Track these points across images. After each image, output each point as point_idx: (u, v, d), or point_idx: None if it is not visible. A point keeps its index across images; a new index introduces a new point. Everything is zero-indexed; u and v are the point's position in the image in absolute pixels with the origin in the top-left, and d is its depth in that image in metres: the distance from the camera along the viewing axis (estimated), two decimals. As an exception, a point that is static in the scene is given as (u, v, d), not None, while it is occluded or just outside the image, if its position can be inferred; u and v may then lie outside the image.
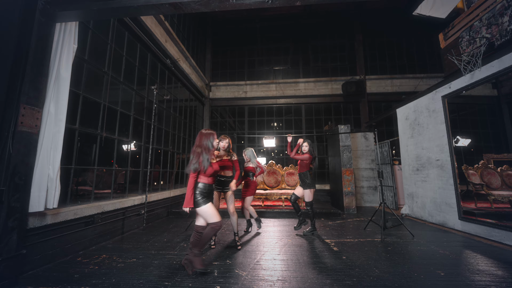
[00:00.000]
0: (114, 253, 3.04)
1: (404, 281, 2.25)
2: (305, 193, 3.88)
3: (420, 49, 9.21)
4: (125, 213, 4.07)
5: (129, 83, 4.36)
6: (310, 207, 3.87)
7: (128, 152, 4.33)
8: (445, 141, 4.42)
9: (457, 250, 3.14)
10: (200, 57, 8.93)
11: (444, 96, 4.42)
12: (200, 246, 2.50)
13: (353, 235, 3.92)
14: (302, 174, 3.95)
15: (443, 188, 4.49)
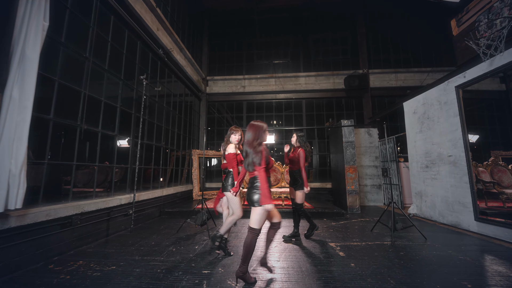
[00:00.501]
0: (93, 259, 2.69)
1: (426, 295, 1.91)
2: (297, 195, 3.38)
3: (425, 42, 8.85)
4: (110, 214, 3.72)
5: (115, 72, 4.00)
6: (302, 210, 3.42)
7: (115, 148, 3.98)
8: (459, 135, 4.08)
9: (478, 256, 2.80)
10: (196, 50, 8.55)
11: (458, 87, 4.07)
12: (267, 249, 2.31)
13: (359, 237, 3.58)
14: (295, 172, 3.43)
15: (456, 186, 4.14)
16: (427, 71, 8.36)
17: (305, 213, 3.44)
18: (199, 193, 7.19)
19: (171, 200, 5.90)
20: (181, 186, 6.64)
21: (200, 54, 8.95)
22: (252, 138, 2.17)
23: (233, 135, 3.01)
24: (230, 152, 2.86)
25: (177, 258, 2.72)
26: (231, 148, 2.90)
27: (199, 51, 8.87)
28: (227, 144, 2.98)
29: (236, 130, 3.05)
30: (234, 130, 3.04)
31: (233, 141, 3.00)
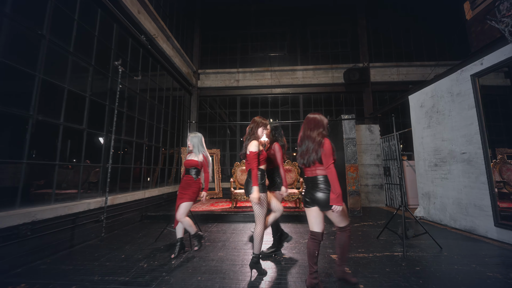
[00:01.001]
0: (40, 281, 2.16)
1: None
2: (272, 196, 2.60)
3: (428, 35, 8.41)
4: (76, 221, 3.18)
5: (83, 56, 3.45)
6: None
7: (83, 144, 3.43)
8: (475, 130, 3.63)
9: (509, 272, 2.34)
10: (187, 40, 8.00)
11: (474, 75, 3.62)
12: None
13: (365, 246, 3.11)
14: (272, 171, 2.77)
15: (470, 187, 3.70)
16: (430, 65, 7.93)
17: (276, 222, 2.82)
18: (188, 194, 6.66)
19: (156, 202, 5.38)
20: (168, 187, 6.11)
21: (191, 46, 8.40)
22: (315, 130, 2.02)
23: (261, 129, 2.45)
24: (252, 151, 2.28)
25: (146, 279, 2.20)
26: (253, 146, 2.30)
27: (190, 42, 8.32)
28: (251, 140, 2.37)
29: (265, 122, 2.50)
30: (263, 123, 2.46)
31: (261, 137, 2.46)
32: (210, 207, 5.47)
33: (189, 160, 2.96)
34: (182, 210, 2.79)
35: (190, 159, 2.96)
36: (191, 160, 2.94)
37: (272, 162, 2.74)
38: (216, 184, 7.19)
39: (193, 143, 3.01)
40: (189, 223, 2.84)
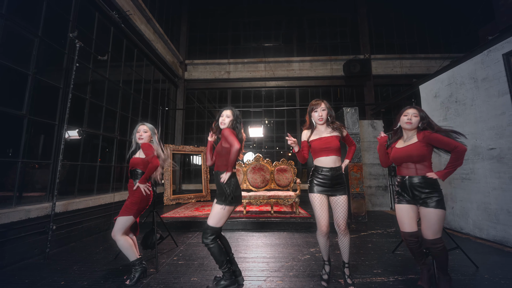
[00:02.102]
0: None
1: None
2: (214, 210, 1.92)
3: (432, 25, 7.88)
4: (8, 234, 2.44)
5: (22, 22, 2.71)
6: (212, 240, 1.88)
7: (22, 134, 2.69)
8: (508, 121, 3.02)
9: None
10: (173, 28, 7.28)
11: (507, 54, 3.01)
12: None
13: (381, 266, 2.45)
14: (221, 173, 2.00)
15: (502, 189, 3.09)
16: (435, 57, 7.40)
17: (220, 249, 1.92)
18: (172, 197, 5.94)
19: (130, 206, 4.62)
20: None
21: (178, 34, 7.67)
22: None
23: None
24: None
25: (74, 326, 1.49)
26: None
27: (177, 29, 7.59)
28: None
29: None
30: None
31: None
32: (194, 212, 4.76)
33: (135, 158, 2.29)
34: (117, 225, 2.08)
35: (136, 157, 2.29)
36: (137, 159, 2.27)
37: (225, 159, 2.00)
38: (204, 185, 6.48)
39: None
40: (126, 244, 2.08)
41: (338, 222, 1.96)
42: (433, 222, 1.76)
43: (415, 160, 1.90)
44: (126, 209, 2.10)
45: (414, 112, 1.97)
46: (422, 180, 1.83)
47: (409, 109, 2.01)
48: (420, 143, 1.89)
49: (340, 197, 1.97)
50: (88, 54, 3.69)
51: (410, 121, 1.95)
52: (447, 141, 1.77)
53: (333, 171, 1.98)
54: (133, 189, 2.17)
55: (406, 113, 2.00)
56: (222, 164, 1.98)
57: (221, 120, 2.05)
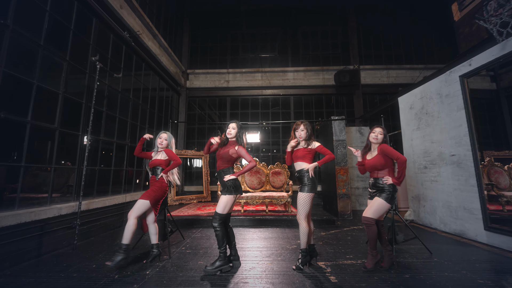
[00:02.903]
0: (-7, 297, 1.93)
1: None
2: (220, 200, 2.47)
3: (417, 38, 8.49)
4: (45, 227, 2.94)
5: (55, 50, 3.22)
6: (219, 224, 2.42)
7: (55, 144, 3.19)
8: (464, 132, 3.58)
9: (500, 279, 2.25)
10: (175, 39, 7.80)
11: (463, 76, 3.58)
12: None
13: (354, 253, 2.98)
14: (224, 171, 2.55)
15: (460, 190, 3.64)
16: (420, 68, 7.99)
17: (222, 233, 2.45)
18: (175, 197, 6.44)
19: (139, 206, 5.11)
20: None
21: (180, 45, 8.20)
22: None
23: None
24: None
25: (114, 292, 2.00)
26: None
27: (179, 41, 8.12)
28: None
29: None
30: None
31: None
32: (196, 211, 5.26)
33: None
34: (135, 206, 2.57)
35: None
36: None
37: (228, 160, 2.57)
38: (205, 187, 6.98)
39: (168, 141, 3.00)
40: (132, 227, 2.49)
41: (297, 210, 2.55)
42: (374, 206, 2.42)
43: (379, 168, 2.47)
44: (147, 194, 2.64)
45: (380, 131, 2.55)
46: (379, 181, 2.41)
47: (376, 128, 2.59)
48: (379, 155, 2.46)
49: (299, 193, 2.52)
50: (104, 71, 4.20)
51: (376, 137, 2.53)
52: (393, 153, 2.33)
53: (298, 172, 2.59)
54: (156, 180, 2.73)
55: (374, 130, 2.59)
56: (223, 165, 2.54)
57: (228, 131, 2.60)
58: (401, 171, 2.31)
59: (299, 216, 2.52)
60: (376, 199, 2.45)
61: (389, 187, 2.42)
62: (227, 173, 2.51)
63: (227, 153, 2.51)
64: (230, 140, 2.60)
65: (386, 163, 2.46)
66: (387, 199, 2.39)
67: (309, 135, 2.62)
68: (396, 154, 2.35)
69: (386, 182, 2.40)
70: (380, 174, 2.48)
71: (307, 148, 2.59)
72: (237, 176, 2.47)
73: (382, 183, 2.44)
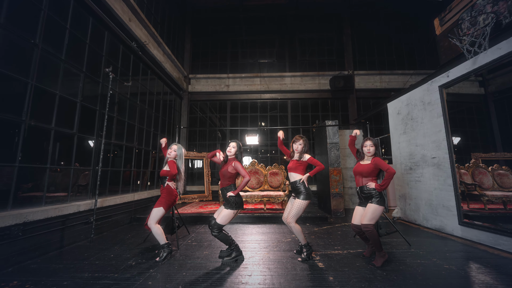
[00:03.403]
0: (32, 278, 2.28)
1: (411, 316, 1.67)
2: (222, 212, 2.72)
3: (409, 44, 8.90)
4: (66, 222, 3.29)
5: (74, 63, 3.58)
6: (218, 233, 2.70)
7: (73, 148, 3.55)
8: (442, 137, 3.96)
9: (464, 264, 2.63)
10: (178, 46, 8.16)
11: (441, 86, 3.96)
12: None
13: (341, 244, 3.35)
14: (227, 188, 2.82)
15: (439, 189, 4.02)
16: (410, 73, 8.39)
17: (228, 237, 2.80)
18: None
19: (145, 205, 5.47)
20: (158, 190, 6.21)
21: (182, 51, 8.57)
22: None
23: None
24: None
25: (134, 275, 2.36)
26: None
27: (181, 47, 8.48)
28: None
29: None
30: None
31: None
32: (199, 209, 5.62)
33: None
34: (151, 215, 2.90)
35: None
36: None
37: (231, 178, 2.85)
38: (206, 187, 7.33)
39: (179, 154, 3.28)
40: (158, 231, 2.85)
41: (289, 214, 2.81)
42: (368, 212, 2.63)
43: (364, 175, 2.76)
44: (159, 202, 2.95)
45: (371, 144, 2.80)
46: (366, 188, 2.71)
47: (367, 141, 2.83)
48: (371, 165, 2.73)
49: (295, 200, 2.84)
50: (115, 80, 4.55)
51: (369, 151, 2.78)
52: (384, 164, 2.65)
53: (292, 184, 2.88)
54: (163, 187, 3.05)
55: (365, 144, 2.83)
56: (225, 182, 2.81)
57: (228, 149, 2.88)
58: (386, 180, 2.58)
59: (289, 220, 2.77)
60: (370, 205, 2.64)
61: (375, 191, 2.66)
62: (229, 190, 2.76)
63: (227, 171, 2.78)
64: (229, 157, 2.88)
65: (373, 173, 2.74)
66: (378, 202, 2.62)
67: (305, 150, 2.94)
68: (387, 166, 2.63)
69: (369, 187, 2.69)
70: (365, 180, 2.76)
71: (299, 160, 2.91)
72: (237, 192, 2.74)
73: (367, 190, 2.69)
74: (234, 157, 2.85)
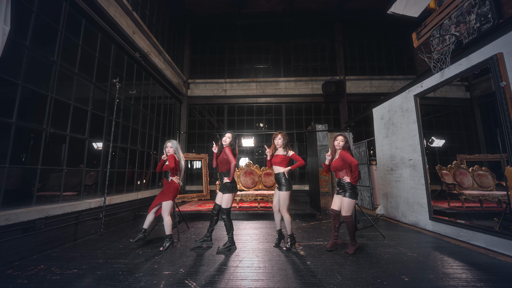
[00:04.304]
0: (55, 263, 2.70)
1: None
2: (223, 198, 3.19)
3: (397, 50, 9.34)
4: (79, 218, 3.70)
5: (86, 75, 3.99)
6: (227, 216, 3.20)
7: (86, 151, 3.96)
8: (417, 141, 4.39)
9: (425, 252, 3.06)
10: (178, 52, 8.58)
11: (416, 95, 4.39)
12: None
13: (324, 237, 3.78)
14: (224, 173, 3.28)
15: (415, 188, 4.45)
16: (399, 78, 8.83)
17: (230, 222, 3.24)
18: (178, 196, 7.19)
19: (148, 203, 5.87)
20: (159, 189, 6.62)
21: (182, 57, 8.98)
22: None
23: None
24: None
25: (142, 261, 2.77)
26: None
27: (181, 54, 8.90)
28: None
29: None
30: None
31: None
32: (198, 207, 6.03)
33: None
34: (164, 207, 3.28)
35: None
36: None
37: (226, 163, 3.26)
38: (204, 187, 7.75)
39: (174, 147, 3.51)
40: (169, 222, 3.25)
41: (280, 206, 3.24)
42: (345, 205, 3.04)
43: (339, 170, 3.19)
44: (167, 195, 3.29)
45: (342, 139, 3.22)
46: (341, 181, 3.13)
47: (339, 136, 3.24)
48: (339, 159, 3.18)
49: (280, 192, 3.25)
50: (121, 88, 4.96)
51: (338, 144, 3.21)
52: (348, 157, 3.07)
53: (276, 175, 3.30)
54: (168, 182, 3.40)
55: (337, 138, 3.25)
56: (223, 167, 3.26)
57: (223, 139, 3.31)
58: (354, 172, 3.04)
59: (282, 210, 3.21)
60: (343, 199, 3.04)
61: (348, 185, 3.06)
62: (227, 175, 3.23)
63: (223, 158, 3.25)
64: (224, 146, 3.30)
65: (344, 165, 3.13)
66: (350, 196, 3.01)
67: (285, 143, 3.35)
68: (350, 158, 3.05)
69: (345, 181, 3.12)
70: (341, 174, 3.20)
71: (285, 155, 3.33)
72: (231, 179, 3.19)
73: (343, 183, 3.12)
74: (228, 145, 3.27)
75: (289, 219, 3.21)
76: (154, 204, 3.38)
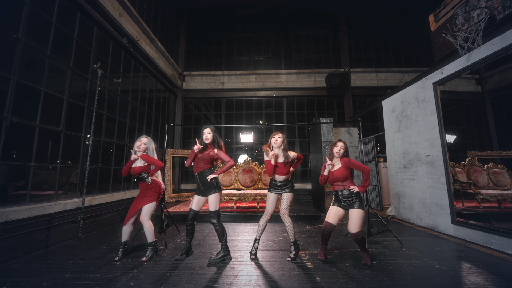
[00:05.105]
0: (10, 279, 2.22)
1: (396, 318, 1.62)
2: (210, 199, 2.72)
3: (405, 42, 8.83)
4: (52, 221, 3.22)
5: (60, 59, 3.49)
6: (217, 220, 2.72)
7: (60, 145, 3.47)
8: (436, 134, 3.91)
9: (455, 264, 2.59)
10: (172, 43, 8.06)
11: (435, 83, 3.90)
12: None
13: (332, 243, 3.30)
14: (206, 172, 2.79)
15: (433, 188, 3.98)
16: (407, 71, 8.33)
17: (222, 227, 2.76)
18: (172, 195, 6.72)
19: (137, 203, 5.40)
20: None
21: (177, 48, 8.46)
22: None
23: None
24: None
25: (117, 275, 2.30)
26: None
27: (175, 44, 8.38)
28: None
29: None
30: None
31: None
32: (192, 207, 5.55)
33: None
34: (143, 211, 2.78)
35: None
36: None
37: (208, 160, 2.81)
38: (200, 185, 7.26)
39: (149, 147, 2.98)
40: (150, 228, 2.78)
41: (281, 209, 2.76)
42: (354, 219, 2.50)
43: (341, 180, 2.66)
44: (149, 198, 2.81)
45: (342, 145, 2.72)
46: (348, 191, 2.63)
47: (338, 142, 2.75)
48: (343, 167, 2.66)
49: (284, 194, 2.78)
50: (105, 76, 4.47)
51: (339, 152, 2.68)
52: (359, 165, 2.59)
53: (281, 182, 2.80)
54: (148, 184, 2.87)
55: (336, 145, 2.73)
56: (205, 165, 2.76)
57: (204, 137, 2.80)
58: (366, 179, 2.55)
59: (284, 214, 2.74)
60: (353, 212, 2.52)
61: (357, 196, 2.58)
62: (210, 173, 2.76)
63: (208, 155, 2.76)
64: (208, 144, 2.81)
65: (348, 175, 2.65)
66: (360, 206, 2.53)
67: (285, 144, 2.82)
68: (362, 166, 2.58)
69: (353, 191, 2.60)
70: (346, 185, 2.65)
71: (286, 163, 2.79)
72: (218, 174, 2.74)
73: (349, 193, 2.59)
74: (212, 143, 2.81)
75: (291, 224, 2.74)
76: (131, 214, 2.79)
